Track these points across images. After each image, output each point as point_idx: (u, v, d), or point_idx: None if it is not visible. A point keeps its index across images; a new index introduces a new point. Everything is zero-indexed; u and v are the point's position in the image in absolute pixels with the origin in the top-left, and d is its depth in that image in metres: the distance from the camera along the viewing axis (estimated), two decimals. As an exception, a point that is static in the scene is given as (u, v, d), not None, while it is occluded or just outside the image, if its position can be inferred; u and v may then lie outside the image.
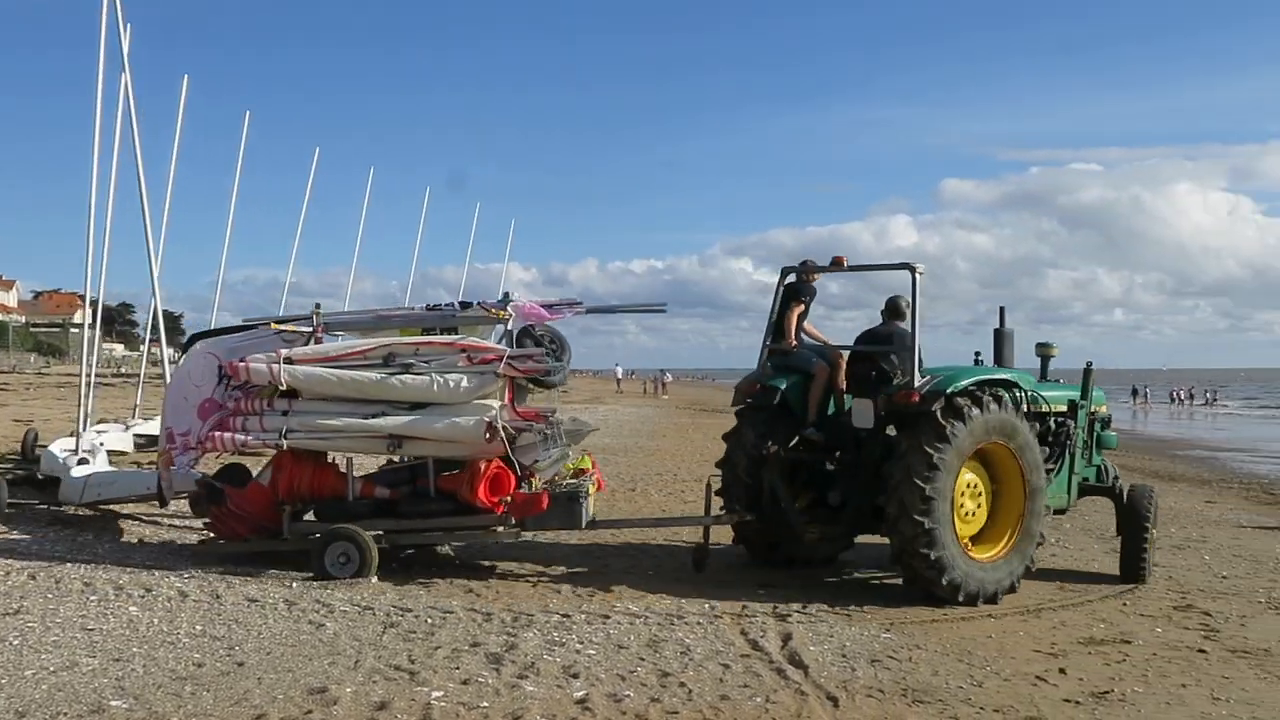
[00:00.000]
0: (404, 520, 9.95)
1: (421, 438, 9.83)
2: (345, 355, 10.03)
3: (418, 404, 9.80)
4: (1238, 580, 10.73)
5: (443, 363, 9.86)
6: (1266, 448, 36.35)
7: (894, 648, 7.68)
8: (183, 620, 7.92)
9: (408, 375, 9.79)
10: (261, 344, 10.29)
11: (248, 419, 9.86)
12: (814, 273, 10.68)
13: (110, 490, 12.31)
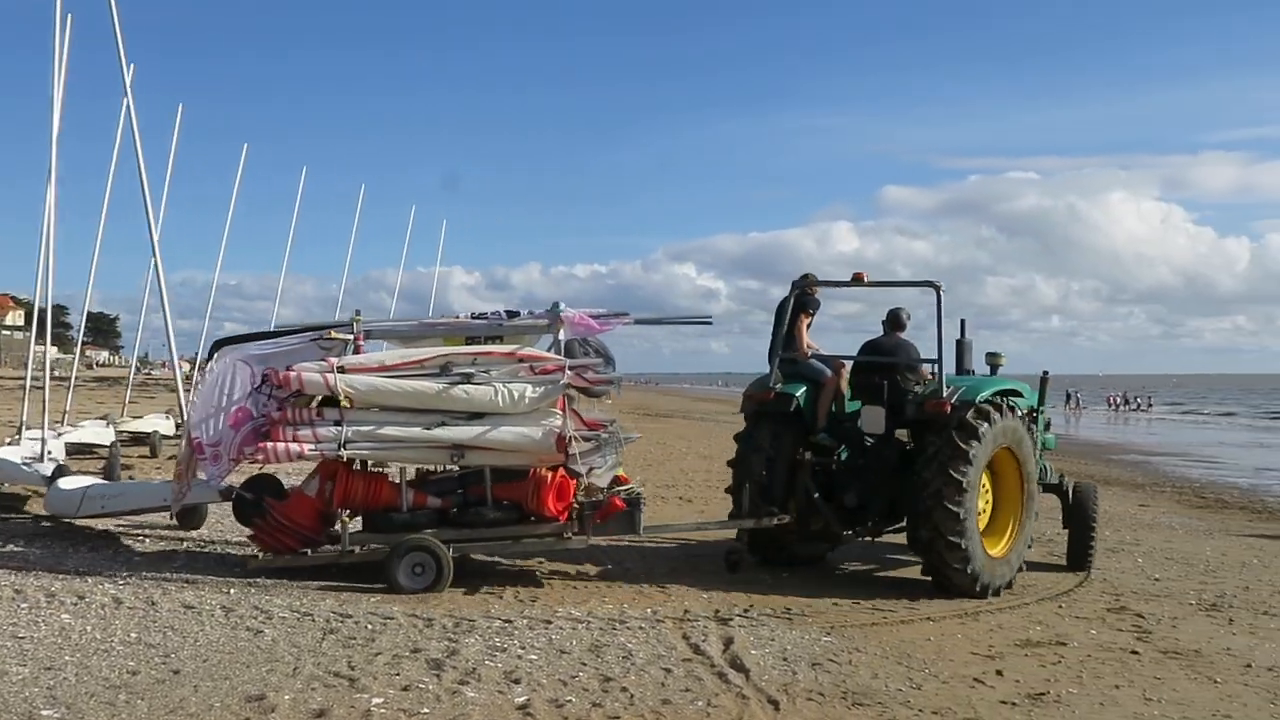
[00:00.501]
0: (465, 530, 9.81)
1: (487, 448, 9.74)
2: (401, 365, 9.85)
3: (475, 414, 9.71)
4: (1170, 583, 10.94)
5: (504, 373, 9.83)
6: (1198, 452, 37.08)
7: (834, 651, 7.73)
8: (117, 627, 7.78)
9: (470, 385, 9.71)
10: (296, 352, 10.04)
11: (298, 429, 9.53)
12: (815, 286, 11.14)
13: (117, 503, 11.60)
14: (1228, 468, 30.28)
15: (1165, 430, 55.62)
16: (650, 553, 11.34)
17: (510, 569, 10.45)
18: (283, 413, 9.59)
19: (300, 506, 9.72)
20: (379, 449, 9.72)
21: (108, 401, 24.50)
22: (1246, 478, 26.82)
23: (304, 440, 9.50)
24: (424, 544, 9.43)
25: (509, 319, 10.47)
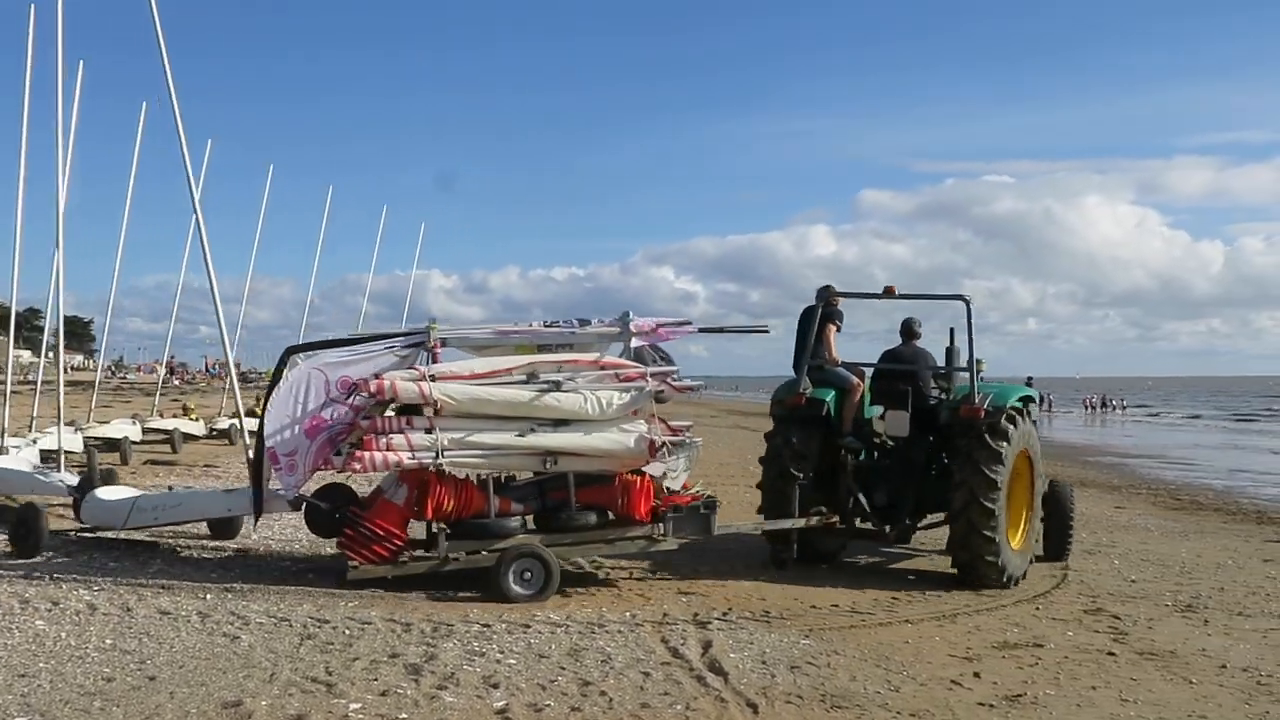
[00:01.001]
0: (556, 535, 9.88)
1: (579, 453, 9.85)
2: (490, 373, 9.87)
3: (561, 420, 9.78)
4: (1146, 584, 11.01)
5: (589, 380, 9.93)
6: (1172, 454, 37.35)
7: (813, 654, 7.74)
8: (92, 634, 7.73)
9: (560, 393, 9.78)
10: (371, 360, 9.98)
11: (392, 437, 9.42)
12: (840, 297, 11.62)
13: (173, 514, 11.18)
14: (1202, 469, 30.51)
15: (1141, 432, 56.02)
16: (628, 556, 11.30)
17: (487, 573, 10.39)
18: (373, 421, 9.53)
19: (390, 515, 9.60)
20: (472, 456, 9.70)
21: (80, 406, 24.27)
22: (1221, 479, 27.02)
23: (399, 449, 9.40)
24: (533, 550, 9.48)
25: (580, 327, 10.49)
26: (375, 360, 9.97)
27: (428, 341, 10.09)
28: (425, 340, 10.09)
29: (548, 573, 9.35)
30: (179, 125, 14.25)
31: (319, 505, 9.89)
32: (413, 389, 9.51)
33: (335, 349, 10.31)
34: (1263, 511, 18.96)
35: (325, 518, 9.88)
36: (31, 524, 10.77)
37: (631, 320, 10.43)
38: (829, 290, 11.53)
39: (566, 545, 9.89)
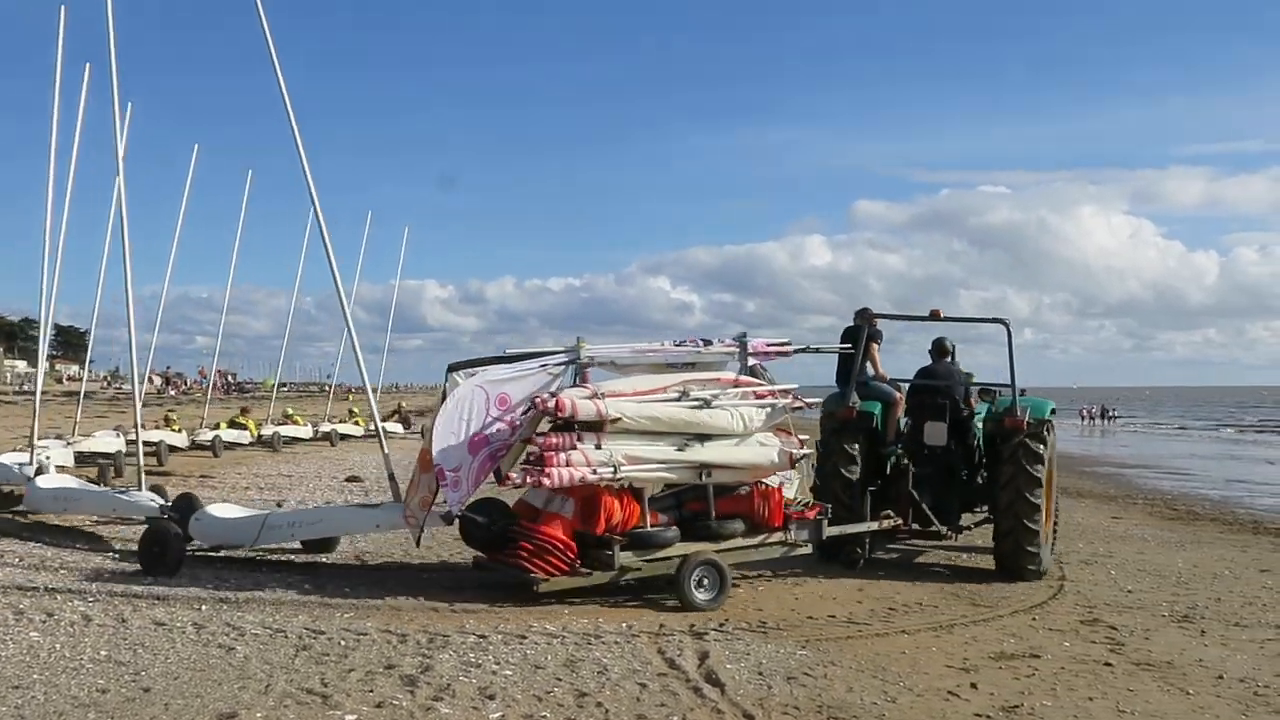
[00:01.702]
0: (705, 543, 10.12)
1: (729, 466, 10.34)
2: (649, 391, 10.18)
3: (707, 435, 10.19)
4: (1142, 594, 11.00)
5: (731, 397, 10.39)
6: (1169, 464, 37.39)
7: (809, 665, 7.73)
8: (86, 645, 7.70)
9: (712, 409, 10.20)
10: (526, 378, 10.21)
11: (570, 453, 9.58)
12: (884, 318, 12.73)
13: (314, 529, 11.21)
14: (1199, 479, 30.53)
15: (1137, 442, 56.05)
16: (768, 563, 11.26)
17: (484, 583, 10.38)
18: (548, 439, 9.70)
19: (561, 528, 9.73)
20: (641, 470, 9.95)
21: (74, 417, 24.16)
22: (1217, 489, 27.04)
23: (578, 464, 9.57)
24: (709, 558, 9.79)
25: (705, 346, 11.02)
26: (530, 378, 10.23)
27: (578, 360, 10.45)
28: (576, 358, 10.45)
29: (722, 580, 9.69)
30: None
31: (477, 519, 9.96)
32: (590, 406, 9.72)
33: (493, 366, 10.47)
34: (1259, 521, 18.98)
35: (483, 531, 9.98)
36: (166, 543, 10.57)
37: (748, 340, 11.13)
38: (867, 312, 12.48)
39: (725, 553, 10.17)
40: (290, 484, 19.76)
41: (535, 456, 9.67)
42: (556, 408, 9.60)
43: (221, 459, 25.49)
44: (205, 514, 11.32)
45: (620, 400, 9.91)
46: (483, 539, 10.03)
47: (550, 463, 9.48)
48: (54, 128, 16.12)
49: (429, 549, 12.18)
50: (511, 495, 10.57)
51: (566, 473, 9.50)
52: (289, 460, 26.00)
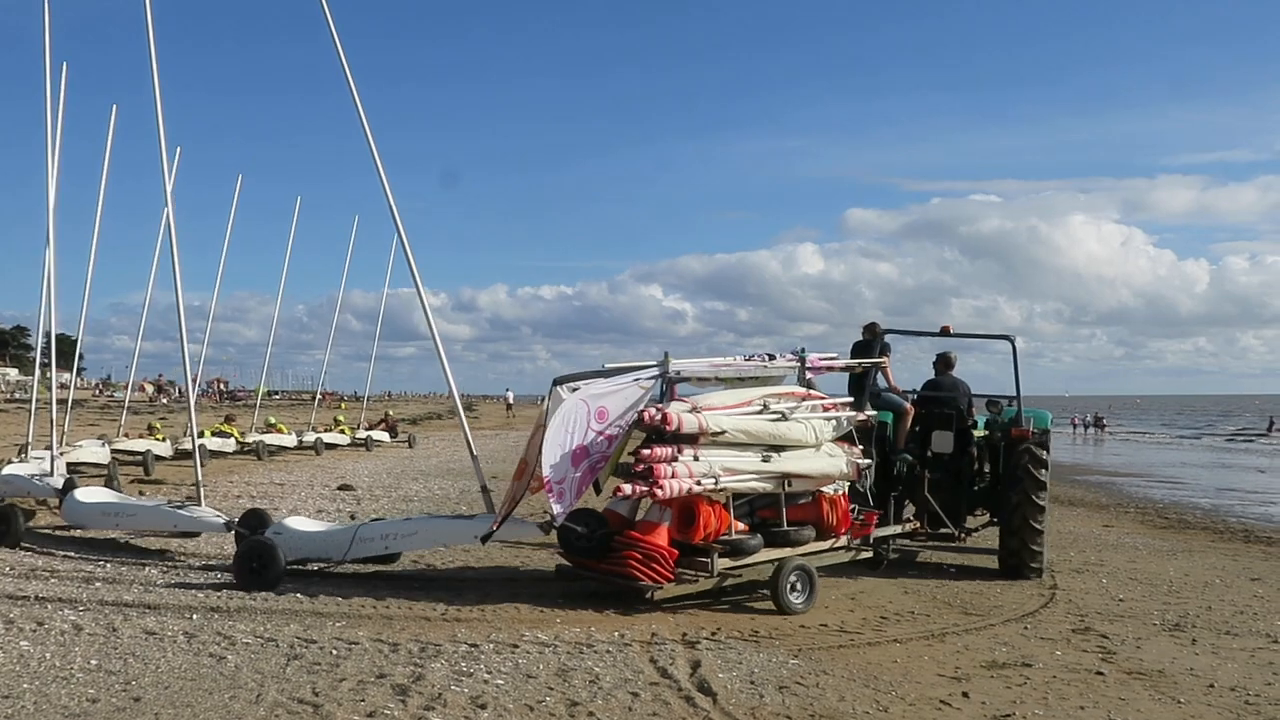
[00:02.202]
0: (784, 549, 10.48)
1: (806, 475, 10.81)
2: (736, 405, 10.55)
3: (784, 446, 10.64)
4: (1134, 603, 11.03)
5: (803, 410, 10.90)
6: (1161, 472, 37.45)
7: (801, 674, 7.73)
8: (77, 654, 7.68)
9: (789, 421, 10.69)
10: (621, 391, 10.40)
11: (676, 465, 9.86)
12: (882, 333, 13.26)
13: (413, 541, 11.14)
14: (1190, 488, 30.58)
15: (1128, 450, 56.15)
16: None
17: (477, 592, 10.38)
18: (654, 451, 9.86)
19: (662, 536, 9.94)
20: (735, 481, 10.30)
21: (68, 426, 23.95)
22: (1208, 498, 27.09)
23: (683, 476, 9.85)
24: (800, 564, 10.22)
25: (769, 362, 11.50)
26: (625, 392, 10.43)
27: (667, 374, 10.68)
28: (665, 373, 10.66)
29: (812, 583, 10.14)
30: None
31: (577, 529, 10.12)
32: (694, 420, 10.03)
33: (593, 380, 10.61)
34: (1250, 530, 19.02)
35: (584, 541, 10.14)
36: (268, 558, 10.42)
37: (807, 356, 11.69)
38: (876, 327, 13.26)
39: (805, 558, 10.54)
40: (283, 492, 19.70)
41: (643, 469, 9.81)
42: (664, 421, 9.84)
43: (208, 468, 25.06)
44: (287, 528, 11.21)
45: (717, 414, 10.25)
46: (583, 548, 10.18)
47: (659, 475, 9.71)
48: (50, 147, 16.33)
49: (421, 557, 12.17)
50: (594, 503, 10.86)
51: (675, 484, 9.77)
52: (281, 469, 25.88)
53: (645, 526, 10.05)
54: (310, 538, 11.06)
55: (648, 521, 10.12)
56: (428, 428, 52.45)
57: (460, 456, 32.29)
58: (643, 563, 9.72)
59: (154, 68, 13.84)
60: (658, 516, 10.10)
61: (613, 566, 9.87)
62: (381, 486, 21.66)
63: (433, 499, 19.27)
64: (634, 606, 9.79)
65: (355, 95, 12.54)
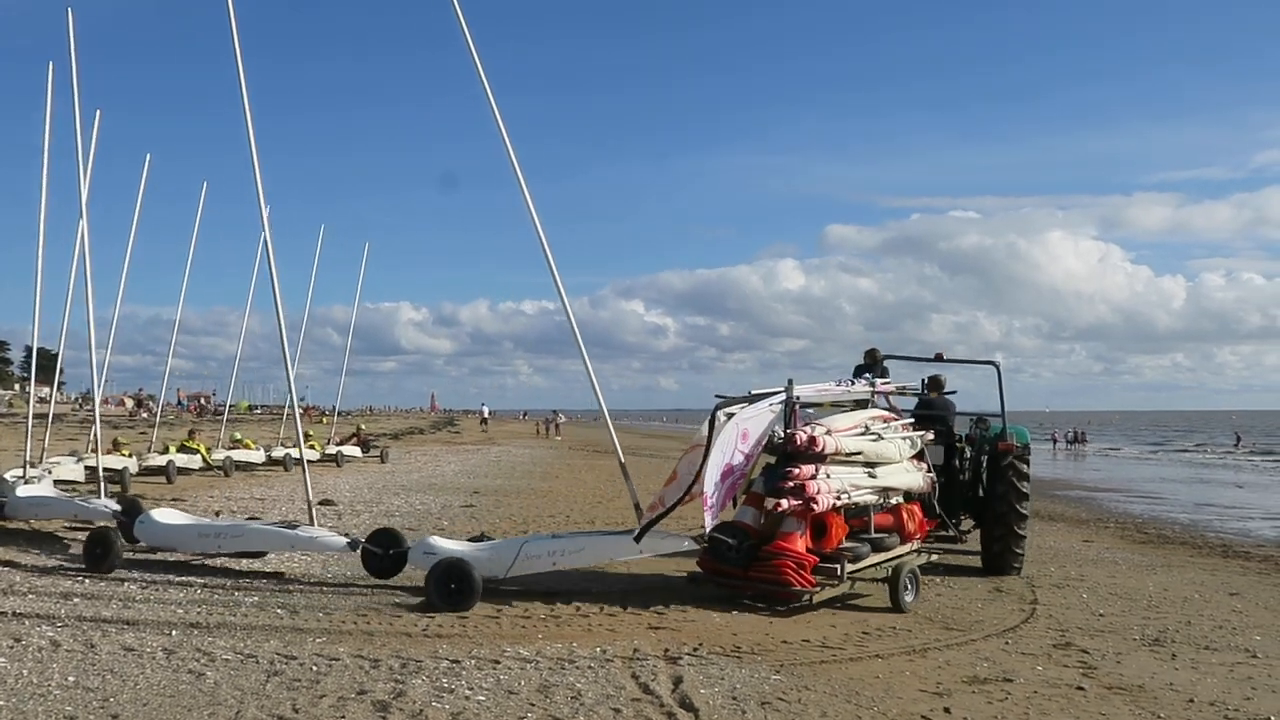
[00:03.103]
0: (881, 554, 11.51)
1: (898, 489, 12.10)
2: (849, 427, 11.70)
3: (880, 463, 11.83)
4: (1114, 618, 11.07)
5: (891, 430, 12.22)
6: (1140, 488, 37.65)
7: (784, 689, 7.73)
8: (54, 671, 7.62)
9: (884, 441, 11.94)
10: (759, 415, 11.32)
11: (819, 481, 10.80)
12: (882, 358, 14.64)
13: (575, 559, 11.19)
14: (1169, 503, 30.75)
15: (1107, 465, 56.42)
16: (598, 589, 11.28)
17: (453, 611, 10.34)
18: (802, 469, 10.80)
19: (803, 546, 10.71)
20: (859, 495, 11.38)
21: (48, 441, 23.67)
22: (1187, 513, 27.25)
23: (824, 491, 10.79)
24: (911, 567, 11.39)
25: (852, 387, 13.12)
26: (761, 415, 11.34)
27: (791, 399, 11.60)
28: (790, 398, 11.58)
29: (916, 583, 11.33)
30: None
31: (727, 540, 10.87)
32: (833, 442, 11.11)
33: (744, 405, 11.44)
34: (1229, 545, 19.15)
35: (733, 551, 10.85)
36: (466, 577, 10.37)
37: (877, 382, 13.44)
38: (876, 353, 14.56)
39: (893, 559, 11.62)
40: (264, 507, 19.59)
41: (793, 485, 10.68)
42: (812, 444, 10.89)
43: (177, 484, 24.64)
44: (433, 545, 11.21)
45: (842, 436, 11.35)
46: (732, 558, 10.86)
47: (811, 491, 10.65)
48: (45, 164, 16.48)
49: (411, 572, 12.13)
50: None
51: (824, 499, 10.73)
52: (261, 483, 25.75)
53: (788, 537, 10.72)
54: (475, 558, 10.93)
55: (787, 532, 10.77)
56: (409, 443, 52.38)
57: (441, 472, 32.25)
58: (796, 570, 10.50)
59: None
60: (794, 527, 10.76)
61: (763, 574, 10.68)
62: (363, 501, 21.56)
63: (415, 514, 19.21)
64: (619, 621, 9.79)
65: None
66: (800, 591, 10.51)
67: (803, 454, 10.92)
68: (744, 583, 10.82)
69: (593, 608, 10.54)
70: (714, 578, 11.09)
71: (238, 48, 13.64)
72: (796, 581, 10.47)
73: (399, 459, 38.29)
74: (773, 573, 10.56)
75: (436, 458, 39.68)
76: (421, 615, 9.96)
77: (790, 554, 10.55)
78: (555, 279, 12.81)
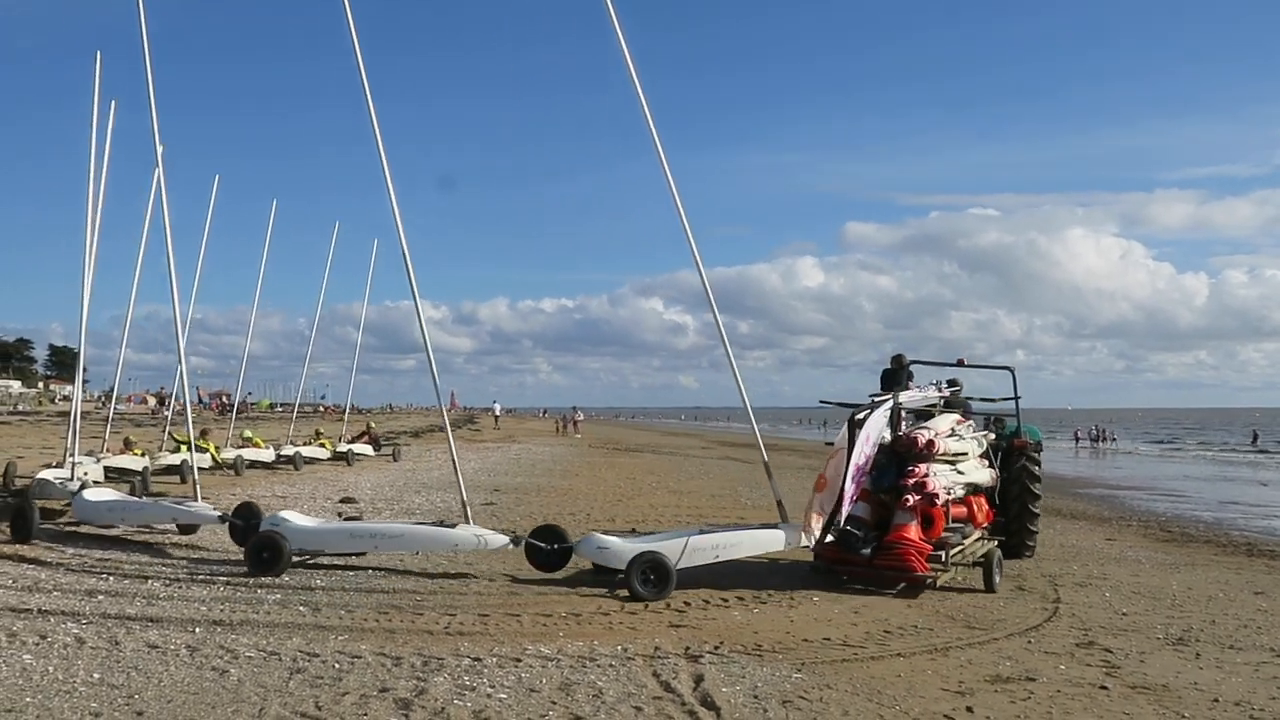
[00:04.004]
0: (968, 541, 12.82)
1: (977, 485, 13.54)
2: (945, 431, 13.00)
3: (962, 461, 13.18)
4: (1137, 617, 11.00)
5: (967, 432, 13.70)
6: (1162, 485, 37.41)
7: (805, 688, 7.71)
8: (80, 668, 7.68)
9: (965, 442, 13.40)
10: (877, 419, 12.08)
11: (935, 479, 12.08)
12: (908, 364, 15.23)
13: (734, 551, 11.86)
14: (1192, 501, 30.55)
15: (1130, 463, 56.10)
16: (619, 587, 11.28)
17: (479, 607, 10.37)
18: (920, 469, 12.13)
19: (916, 535, 11.81)
20: (957, 489, 12.89)
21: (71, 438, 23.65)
22: (1211, 511, 27.06)
23: (941, 488, 12.12)
24: (998, 553, 12.62)
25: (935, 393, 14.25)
26: (877, 419, 12.12)
27: (899, 405, 12.84)
28: (897, 403, 12.79)
29: (1001, 566, 12.46)
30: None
31: (856, 533, 11.85)
32: (944, 444, 12.59)
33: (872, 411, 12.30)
34: (1253, 544, 18.99)
35: (861, 542, 11.85)
36: (664, 571, 11.14)
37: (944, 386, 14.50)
38: (903, 358, 15.21)
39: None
40: (285, 505, 19.66)
41: (915, 483, 11.93)
42: (930, 447, 12.30)
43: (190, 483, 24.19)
44: (603, 539, 12.03)
45: (944, 439, 12.73)
46: (860, 549, 11.85)
47: (931, 487, 11.91)
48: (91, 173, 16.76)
49: (424, 569, 12.16)
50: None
51: (943, 495, 12.14)
52: (282, 481, 25.86)
53: (905, 528, 11.80)
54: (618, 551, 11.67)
55: (902, 524, 11.85)
56: (430, 440, 52.46)
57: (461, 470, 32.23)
58: (918, 557, 11.61)
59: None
60: (907, 520, 11.85)
61: (888, 562, 11.70)
62: (384, 499, 21.64)
63: (436, 511, 19.26)
64: (640, 619, 9.81)
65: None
66: (923, 576, 11.61)
67: (920, 454, 12.27)
68: (869, 570, 11.81)
69: (614, 606, 10.55)
70: (835, 565, 12.08)
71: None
72: (920, 567, 11.56)
73: (419, 456, 38.38)
74: (898, 560, 11.60)
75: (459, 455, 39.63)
76: (443, 613, 9.99)
77: (912, 543, 11.65)
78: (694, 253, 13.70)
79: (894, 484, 12.28)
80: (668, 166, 13.44)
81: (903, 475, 12.16)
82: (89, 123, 18.48)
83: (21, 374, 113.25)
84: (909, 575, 11.63)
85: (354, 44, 13.60)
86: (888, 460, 12.46)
